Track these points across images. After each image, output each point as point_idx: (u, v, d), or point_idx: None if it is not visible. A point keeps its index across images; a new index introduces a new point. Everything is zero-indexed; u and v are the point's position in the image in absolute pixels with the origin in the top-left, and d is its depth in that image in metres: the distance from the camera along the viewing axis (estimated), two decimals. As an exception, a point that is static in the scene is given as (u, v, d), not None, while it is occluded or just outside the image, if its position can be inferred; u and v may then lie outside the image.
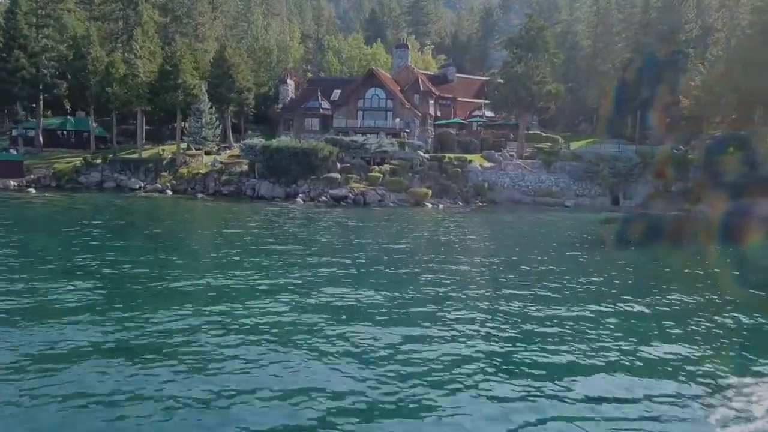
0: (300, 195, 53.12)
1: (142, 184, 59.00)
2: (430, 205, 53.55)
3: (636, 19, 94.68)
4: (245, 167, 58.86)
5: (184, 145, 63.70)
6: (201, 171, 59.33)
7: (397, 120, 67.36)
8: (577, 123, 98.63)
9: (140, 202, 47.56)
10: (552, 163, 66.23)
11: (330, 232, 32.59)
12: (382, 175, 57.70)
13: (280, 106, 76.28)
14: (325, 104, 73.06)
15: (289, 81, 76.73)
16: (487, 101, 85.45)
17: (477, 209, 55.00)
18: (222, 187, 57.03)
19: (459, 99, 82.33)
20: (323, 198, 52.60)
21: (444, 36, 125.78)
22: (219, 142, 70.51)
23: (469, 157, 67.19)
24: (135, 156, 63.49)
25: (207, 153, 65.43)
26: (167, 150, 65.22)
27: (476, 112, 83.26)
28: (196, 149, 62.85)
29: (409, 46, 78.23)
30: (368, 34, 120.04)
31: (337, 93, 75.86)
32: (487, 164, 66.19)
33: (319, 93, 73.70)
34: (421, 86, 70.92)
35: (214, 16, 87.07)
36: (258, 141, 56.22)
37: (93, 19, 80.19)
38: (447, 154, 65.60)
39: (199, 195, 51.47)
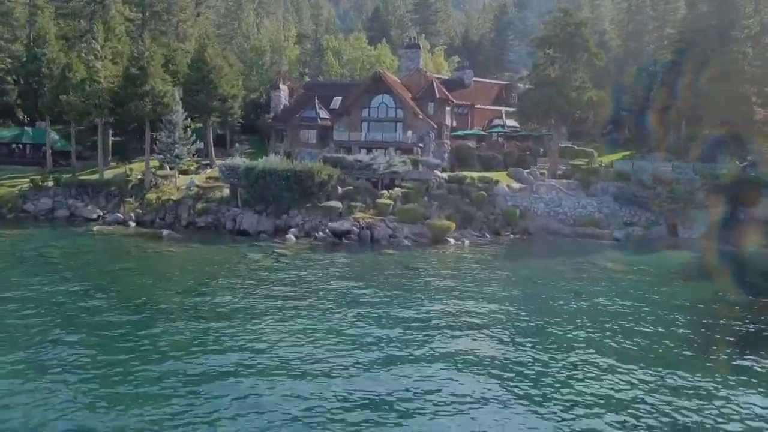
0: (292, 230, 42.63)
1: (101, 214, 48.60)
2: (452, 242, 43.10)
3: (676, 16, 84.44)
4: (227, 191, 48.46)
5: (155, 163, 53.28)
6: (173, 197, 48.88)
7: (409, 133, 56.95)
8: (606, 132, 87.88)
9: (86, 243, 37.13)
10: (592, 183, 55.82)
11: (322, 305, 22.19)
12: (392, 202, 47.31)
13: (272, 115, 65.86)
14: (323, 114, 62.66)
15: (281, 86, 66.37)
16: (508, 108, 75.19)
17: (509, 245, 44.71)
18: (198, 217, 46.55)
19: (477, 106, 71.96)
20: (321, 233, 42.13)
21: (453, 36, 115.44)
22: (199, 157, 60.13)
23: (494, 176, 56.80)
24: (96, 177, 52.98)
25: (184, 172, 55.05)
26: (136, 169, 54.78)
27: (496, 121, 72.84)
28: (170, 168, 52.42)
29: (421, 47, 67.79)
30: (371, 34, 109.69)
31: (337, 100, 65.40)
32: (515, 185, 55.75)
33: (316, 100, 63.29)
34: (436, 92, 60.54)
35: (197, 12, 76.72)
36: (240, 161, 45.82)
37: (62, 16, 69.96)
38: (468, 174, 55.18)
39: (165, 232, 40.91)
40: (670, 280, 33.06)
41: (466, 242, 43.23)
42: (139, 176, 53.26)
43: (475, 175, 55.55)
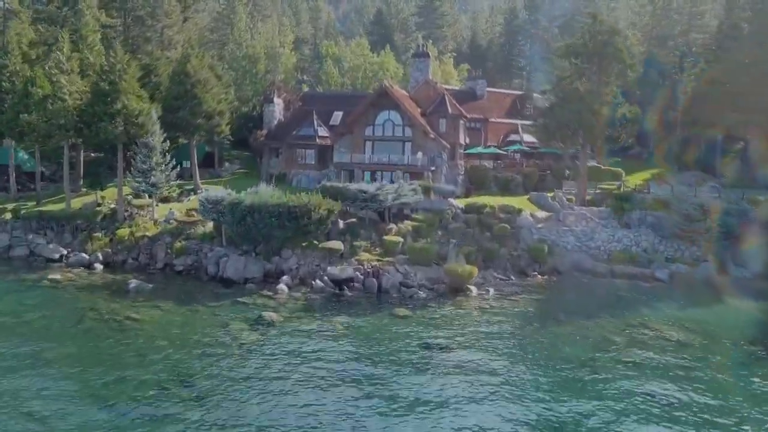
0: (284, 278, 35.95)
1: (65, 252, 41.96)
2: (474, 290, 36.47)
3: (703, 20, 77.92)
4: (210, 225, 41.89)
5: (130, 189, 46.70)
6: (149, 233, 42.26)
7: (419, 155, 50.31)
8: (627, 147, 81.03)
9: (31, 302, 30.52)
10: (626, 212, 49.22)
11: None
12: (401, 240, 40.72)
13: (265, 132, 59.21)
14: (322, 131, 56.08)
15: (276, 100, 59.74)
16: (524, 121, 68.57)
17: (539, 291, 38.09)
18: (176, 258, 39.91)
19: (491, 120, 65.38)
20: (318, 282, 35.48)
21: (461, 41, 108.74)
22: (183, 180, 53.59)
23: (516, 202, 50.23)
24: (63, 206, 46.34)
25: (165, 199, 48.50)
26: (109, 196, 48.20)
27: (512, 136, 66.31)
28: (149, 196, 45.77)
29: (431, 56, 61.09)
30: (373, 39, 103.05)
31: (338, 115, 58.83)
32: (540, 213, 49.16)
33: (315, 116, 56.74)
34: (449, 108, 53.88)
35: (184, 17, 70.10)
36: (223, 193, 39.19)
37: (39, 21, 63.31)
38: (486, 200, 48.59)
39: (132, 284, 34.12)
40: (750, 353, 26.50)
41: (491, 291, 36.58)
42: (112, 205, 46.70)
43: (494, 202, 49.00)
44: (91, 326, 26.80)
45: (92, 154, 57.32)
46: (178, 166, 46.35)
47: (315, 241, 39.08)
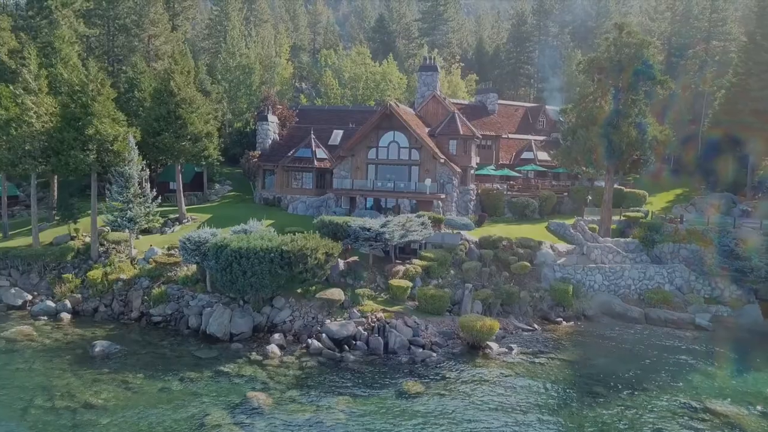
0: (276, 337, 31.07)
1: (29, 298, 37.15)
2: (495, 348, 31.65)
3: (725, 27, 73.19)
4: (194, 267, 37.09)
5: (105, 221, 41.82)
6: (124, 275, 37.40)
7: (428, 181, 45.51)
8: (645, 161, 76.07)
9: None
10: (656, 243, 44.49)
11: None
12: (410, 284, 35.92)
13: (258, 152, 54.37)
14: (321, 152, 51.27)
15: (271, 117, 54.85)
16: (537, 137, 63.90)
17: (567, 343, 33.35)
18: (153, 307, 35.07)
19: (503, 136, 60.60)
20: (315, 341, 30.62)
21: (466, 47, 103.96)
22: (167, 207, 48.85)
23: (533, 233, 45.52)
24: (30, 242, 41.48)
25: (146, 230, 43.67)
26: (84, 228, 43.34)
27: (525, 154, 61.57)
28: (131, 229, 40.86)
29: (439, 69, 56.17)
30: (375, 45, 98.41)
31: (338, 134, 54.04)
32: (561, 246, 44.44)
33: (312, 136, 51.96)
34: (459, 128, 49.09)
35: (172, 25, 65.29)
36: (206, 233, 34.38)
37: (18, 30, 58.45)
38: (502, 233, 43.80)
39: (98, 348, 29.14)
40: None
41: (514, 349, 31.73)
42: (87, 238, 41.88)
43: (511, 233, 44.27)
44: (36, 420, 21.94)
45: (70, 178, 52.48)
46: (160, 196, 41.36)
47: (312, 288, 34.36)
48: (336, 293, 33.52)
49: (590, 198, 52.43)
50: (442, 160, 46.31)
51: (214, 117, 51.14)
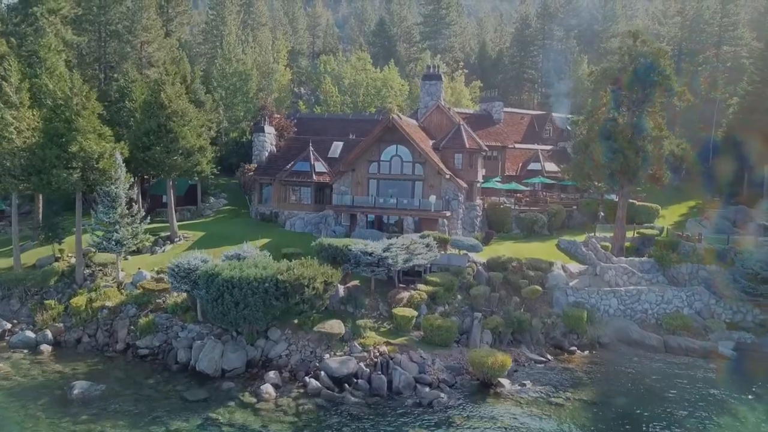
0: (271, 375, 28.70)
1: (8, 327, 34.83)
2: (507, 385, 29.36)
3: (735, 32, 70.92)
4: (185, 294, 34.76)
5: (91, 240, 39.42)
6: (109, 302, 35.07)
7: (432, 198, 43.20)
8: (651, 170, 73.52)
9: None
10: (673, 263, 42.17)
11: None
12: (415, 313, 33.62)
13: (255, 165, 52.05)
14: (320, 166, 48.94)
15: (267, 129, 52.49)
16: (543, 147, 61.64)
17: (583, 377, 31.12)
18: (140, 338, 32.73)
19: (509, 146, 58.27)
20: (313, 380, 28.28)
21: (469, 51, 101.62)
22: (158, 223, 46.52)
23: (543, 251, 43.25)
24: (12, 264, 39.13)
25: (136, 251, 41.29)
26: (69, 248, 40.95)
27: (532, 165, 59.26)
28: (118, 252, 38.45)
29: (443, 78, 53.76)
30: (375, 50, 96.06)
31: (338, 146, 51.70)
32: (572, 267, 42.15)
33: (311, 149, 49.62)
34: (465, 141, 46.77)
35: (166, 31, 62.95)
36: (196, 259, 32.04)
37: (8, 35, 56.06)
38: (511, 253, 41.46)
39: (77, 389, 26.72)
40: None
41: (527, 385, 29.45)
42: (72, 259, 39.53)
43: (520, 253, 41.95)
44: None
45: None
46: (152, 211, 39.04)
47: (310, 318, 32.04)
48: (335, 326, 31.19)
49: (602, 214, 50.02)
50: (448, 176, 44.01)
51: (208, 128, 48.81)
